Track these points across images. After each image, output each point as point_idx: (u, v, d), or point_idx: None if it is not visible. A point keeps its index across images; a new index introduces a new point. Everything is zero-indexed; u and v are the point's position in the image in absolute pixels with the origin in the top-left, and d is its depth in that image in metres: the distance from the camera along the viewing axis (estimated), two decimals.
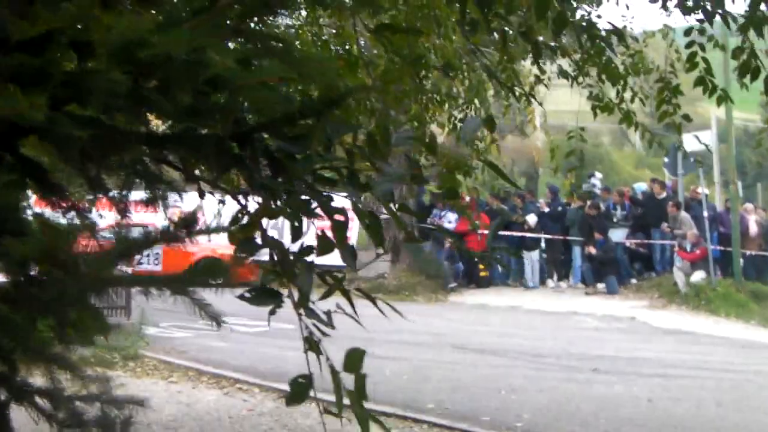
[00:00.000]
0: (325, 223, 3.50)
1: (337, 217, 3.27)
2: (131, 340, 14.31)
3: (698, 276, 21.47)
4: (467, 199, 25.23)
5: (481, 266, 24.39)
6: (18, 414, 3.55)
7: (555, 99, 12.02)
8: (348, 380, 3.56)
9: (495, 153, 11.60)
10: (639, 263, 24.13)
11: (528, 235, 23.99)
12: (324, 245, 3.30)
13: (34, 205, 3.37)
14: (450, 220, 24.76)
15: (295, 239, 3.44)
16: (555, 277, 24.52)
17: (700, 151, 23.31)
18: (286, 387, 11.52)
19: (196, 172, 3.10)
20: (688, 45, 8.17)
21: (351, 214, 3.49)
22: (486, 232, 22.74)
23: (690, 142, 22.80)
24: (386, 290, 23.05)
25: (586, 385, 12.48)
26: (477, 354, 14.98)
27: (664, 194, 23.93)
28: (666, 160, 26.17)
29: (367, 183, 3.23)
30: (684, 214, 22.52)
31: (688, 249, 21.67)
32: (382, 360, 14.04)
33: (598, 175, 27.49)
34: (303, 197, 3.12)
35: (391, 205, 3.34)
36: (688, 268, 21.64)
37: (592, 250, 22.94)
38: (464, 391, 11.98)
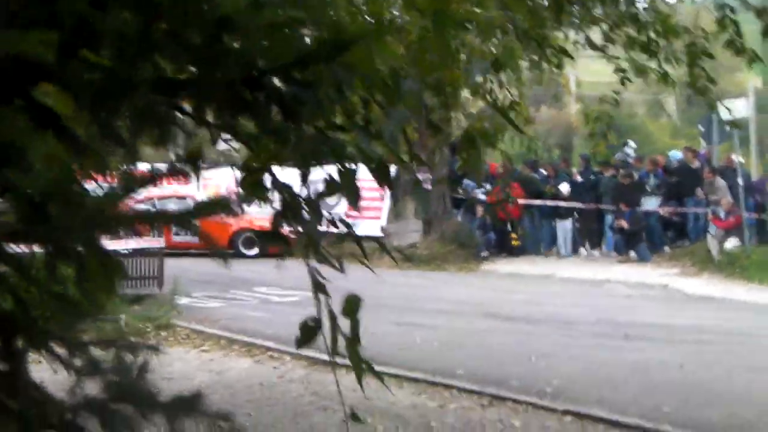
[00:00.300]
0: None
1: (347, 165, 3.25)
2: (164, 309, 14.43)
3: (732, 243, 21.29)
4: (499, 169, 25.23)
5: (513, 235, 24.32)
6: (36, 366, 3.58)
7: (591, 70, 11.93)
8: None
9: (526, 118, 11.48)
10: (672, 231, 23.97)
11: (561, 204, 23.89)
12: (329, 187, 3.28)
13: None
14: (484, 191, 24.73)
15: (303, 184, 3.44)
16: (587, 245, 24.42)
17: (737, 120, 23.20)
18: (316, 355, 11.63)
19: (208, 117, 3.10)
20: (719, 8, 8.08)
21: (386, 193, 3.52)
22: (519, 201, 22.71)
23: (726, 112, 22.68)
24: (418, 260, 23.09)
25: (616, 351, 12.43)
26: (507, 321, 14.96)
27: (697, 163, 23.73)
28: (701, 128, 25.96)
29: (379, 130, 3.21)
30: (720, 181, 22.32)
31: (723, 216, 21.49)
32: (413, 327, 14.09)
33: (632, 144, 27.26)
34: (313, 142, 3.11)
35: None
36: (722, 235, 21.47)
37: (623, 224, 22.82)
38: (494, 357, 11.98)
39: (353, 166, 3.25)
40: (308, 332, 3.38)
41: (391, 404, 9.54)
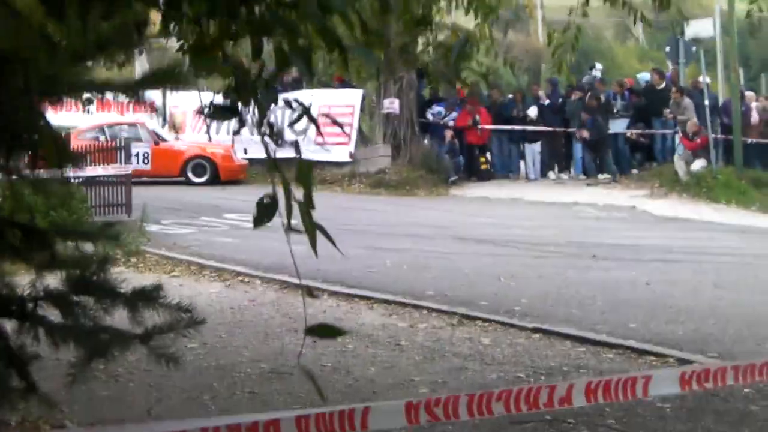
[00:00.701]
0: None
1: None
2: (132, 236, 14.35)
3: (699, 164, 21.43)
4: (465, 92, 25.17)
5: (481, 159, 24.33)
6: None
7: None
8: None
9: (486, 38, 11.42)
10: (640, 154, 24.08)
11: (529, 128, 23.89)
12: (280, 59, 3.26)
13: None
14: (453, 118, 24.65)
15: (254, 58, 3.42)
16: (556, 169, 24.50)
17: (703, 40, 23.18)
18: (287, 278, 11.65)
19: None
20: None
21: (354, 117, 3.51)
22: (487, 127, 22.66)
23: (691, 32, 22.62)
24: (387, 185, 23.09)
25: (584, 271, 12.58)
26: (477, 244, 15.05)
27: (663, 84, 23.76)
28: (667, 49, 25.95)
29: (328, 4, 3.16)
30: (687, 100, 22.38)
31: (690, 137, 21.60)
32: (383, 251, 14.15)
33: (599, 66, 27.21)
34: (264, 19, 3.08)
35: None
36: (689, 156, 21.60)
37: (585, 134, 22.90)
38: (463, 279, 12.08)
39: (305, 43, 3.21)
40: (265, 209, 3.36)
41: (361, 325, 9.63)
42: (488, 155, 24.64)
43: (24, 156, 3.20)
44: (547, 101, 24.47)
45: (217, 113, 3.39)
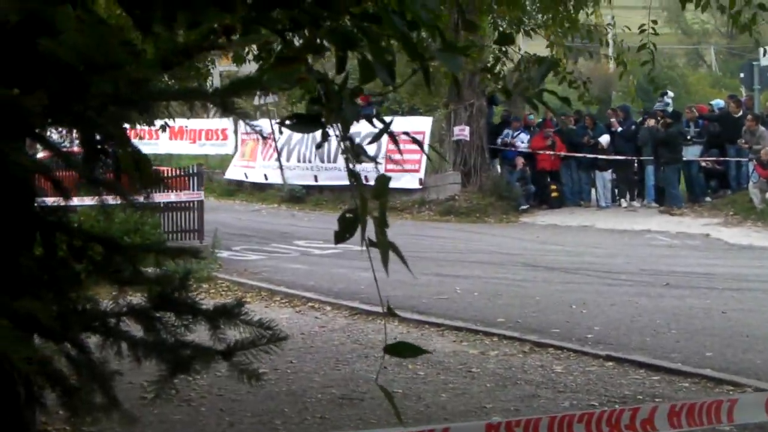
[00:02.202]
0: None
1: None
2: (204, 262, 14.50)
3: None
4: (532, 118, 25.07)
5: (552, 187, 24.17)
6: None
7: (629, 23, 11.77)
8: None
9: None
10: (714, 181, 23.71)
11: (601, 156, 23.67)
12: (365, 72, 3.26)
13: None
14: (522, 140, 24.56)
15: (339, 71, 3.42)
16: (627, 196, 24.22)
17: None
18: (357, 304, 11.70)
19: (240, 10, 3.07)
20: None
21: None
22: (561, 154, 22.46)
23: (767, 59, 22.27)
24: (457, 212, 23.05)
25: (658, 299, 12.40)
26: (547, 271, 14.93)
27: (740, 112, 23.36)
28: (742, 75, 25.61)
29: (415, 18, 3.16)
30: (762, 129, 21.99)
31: (765, 165, 21.21)
32: (453, 278, 14.11)
33: (670, 93, 26.90)
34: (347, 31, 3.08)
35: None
36: (764, 184, 21.20)
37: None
38: (534, 306, 11.99)
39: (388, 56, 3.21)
40: (347, 224, 3.36)
41: (432, 352, 9.60)
42: (558, 183, 24.46)
43: (108, 171, 3.25)
44: (619, 128, 24.23)
45: (300, 124, 3.40)
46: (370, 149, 3.62)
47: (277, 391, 8.17)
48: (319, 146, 3.60)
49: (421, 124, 23.95)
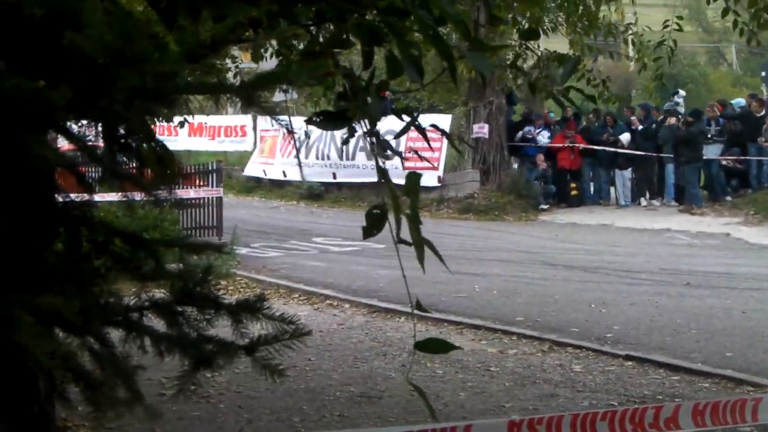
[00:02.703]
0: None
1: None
2: (223, 259, 14.52)
3: None
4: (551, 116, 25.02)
5: (572, 185, 24.10)
6: None
7: (651, 20, 11.74)
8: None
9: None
10: (735, 180, 23.56)
11: (621, 151, 23.57)
12: (392, 67, 3.24)
13: None
14: (543, 137, 24.50)
15: (366, 66, 3.41)
16: (647, 195, 24.11)
17: None
18: (376, 302, 11.67)
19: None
20: None
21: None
22: (581, 146, 22.28)
23: None
24: (476, 210, 23.01)
25: (678, 298, 12.33)
26: (567, 270, 14.89)
27: (763, 111, 23.17)
28: (763, 74, 25.45)
29: (442, 13, 3.14)
30: None
31: None
32: (472, 276, 14.07)
33: (682, 92, 26.75)
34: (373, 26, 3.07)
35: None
36: None
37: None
38: (553, 305, 11.95)
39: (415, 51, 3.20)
40: (374, 220, 3.35)
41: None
42: (578, 181, 24.38)
43: (131, 166, 3.25)
44: (640, 127, 24.12)
45: (327, 121, 3.39)
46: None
47: (295, 389, 8.16)
48: (345, 142, 3.58)
49: (441, 122, 23.88)
